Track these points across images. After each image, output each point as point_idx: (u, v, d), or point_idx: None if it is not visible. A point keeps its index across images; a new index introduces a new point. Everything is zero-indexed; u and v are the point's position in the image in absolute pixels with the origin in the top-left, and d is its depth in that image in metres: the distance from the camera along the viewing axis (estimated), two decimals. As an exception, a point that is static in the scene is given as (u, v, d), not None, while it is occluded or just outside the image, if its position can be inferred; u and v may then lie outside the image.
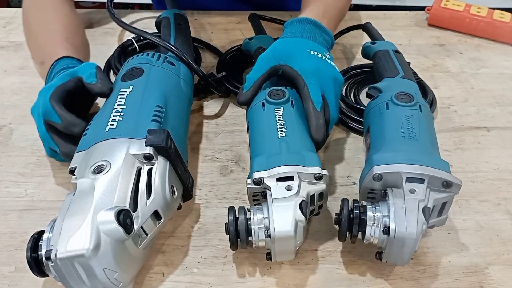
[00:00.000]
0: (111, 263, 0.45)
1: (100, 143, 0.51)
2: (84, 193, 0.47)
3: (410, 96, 0.58)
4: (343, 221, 0.49)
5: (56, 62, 0.67)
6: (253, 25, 0.85)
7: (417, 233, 0.46)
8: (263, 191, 0.52)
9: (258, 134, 0.58)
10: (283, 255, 0.50)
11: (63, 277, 0.44)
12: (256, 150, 0.56)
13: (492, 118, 0.74)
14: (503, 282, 0.52)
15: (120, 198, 0.47)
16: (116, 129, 0.52)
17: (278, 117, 0.58)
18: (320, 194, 0.52)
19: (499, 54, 0.87)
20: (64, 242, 0.44)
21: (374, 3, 1.71)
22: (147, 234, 0.49)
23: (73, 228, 0.44)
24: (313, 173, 0.51)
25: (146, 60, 0.62)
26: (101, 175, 0.48)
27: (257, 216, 0.49)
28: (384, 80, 0.65)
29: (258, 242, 0.50)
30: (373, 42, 0.75)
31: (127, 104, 0.55)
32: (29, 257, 0.46)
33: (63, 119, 0.57)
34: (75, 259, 0.43)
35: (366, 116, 0.61)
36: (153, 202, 0.49)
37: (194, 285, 0.52)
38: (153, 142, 0.50)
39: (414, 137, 0.53)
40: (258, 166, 0.53)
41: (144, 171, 0.50)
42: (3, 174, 0.64)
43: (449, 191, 0.50)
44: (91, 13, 0.96)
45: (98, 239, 0.44)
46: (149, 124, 0.53)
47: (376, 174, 0.50)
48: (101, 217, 0.45)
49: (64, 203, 0.48)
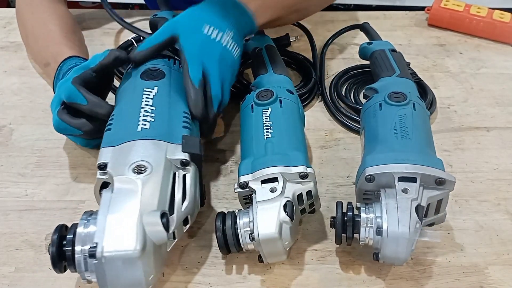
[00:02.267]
0: (151, 265, 0.46)
1: (135, 142, 0.51)
2: (127, 192, 0.47)
3: (403, 95, 0.58)
4: (337, 224, 0.50)
5: (63, 62, 0.67)
6: None
7: (410, 232, 0.46)
8: (250, 194, 0.52)
9: (247, 137, 0.58)
10: (273, 256, 0.51)
11: (103, 276, 0.44)
12: (244, 154, 0.57)
13: (492, 118, 0.74)
14: (503, 282, 0.52)
15: (162, 201, 0.47)
16: (150, 130, 0.52)
17: (265, 118, 0.58)
18: (309, 193, 0.52)
19: (499, 54, 0.87)
20: (111, 240, 0.43)
21: (374, 3, 1.71)
22: (175, 238, 0.50)
23: (119, 226, 0.44)
24: (298, 172, 0.51)
25: (164, 63, 0.62)
26: (144, 175, 0.48)
27: (243, 220, 0.50)
28: (380, 80, 0.65)
29: (246, 246, 0.50)
30: (370, 43, 0.75)
31: (155, 105, 0.55)
32: (55, 252, 0.45)
33: (89, 100, 0.57)
34: (122, 258, 0.43)
35: (362, 117, 0.62)
36: (187, 207, 0.50)
37: (194, 285, 0.52)
38: (190, 149, 0.51)
39: (407, 136, 0.54)
40: (244, 170, 0.53)
41: (179, 177, 0.51)
42: (3, 174, 0.64)
43: (443, 188, 0.50)
44: (91, 13, 0.96)
45: (145, 240, 0.44)
46: (181, 130, 0.54)
47: (369, 176, 0.50)
48: (147, 219, 0.45)
49: (103, 200, 0.47)
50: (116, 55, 0.59)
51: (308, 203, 0.53)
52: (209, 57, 0.60)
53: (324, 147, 0.69)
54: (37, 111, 0.73)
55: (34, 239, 0.56)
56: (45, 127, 0.70)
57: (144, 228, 0.45)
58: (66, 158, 0.66)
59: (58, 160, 0.66)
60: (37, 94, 0.77)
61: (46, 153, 0.67)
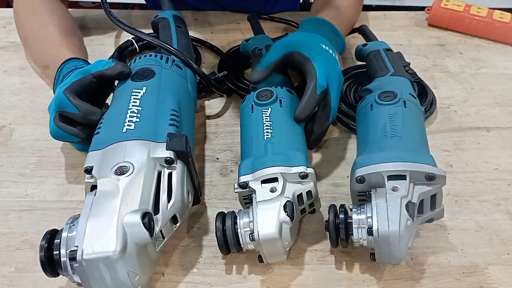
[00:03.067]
0: (135, 266, 0.45)
1: (120, 144, 0.51)
2: (108, 194, 0.47)
3: (393, 93, 0.59)
4: (331, 227, 0.50)
5: (63, 65, 0.67)
6: (252, 25, 0.85)
7: (401, 230, 0.46)
8: (250, 194, 0.52)
9: (247, 137, 0.58)
10: (273, 256, 0.51)
11: (86, 278, 0.44)
12: (243, 154, 0.57)
13: (492, 118, 0.74)
14: (503, 282, 0.52)
15: (144, 201, 0.47)
16: (135, 130, 0.52)
17: (266, 118, 0.58)
18: (309, 193, 0.52)
19: (499, 54, 0.87)
20: (90, 243, 0.43)
21: (374, 3, 1.71)
22: (164, 238, 0.49)
23: (99, 229, 0.44)
24: (298, 172, 0.51)
25: (155, 62, 0.62)
26: (125, 176, 0.48)
27: (243, 220, 0.50)
28: (375, 81, 0.66)
29: (246, 246, 0.50)
30: (365, 44, 0.76)
31: (142, 105, 0.55)
32: (43, 256, 0.45)
33: (80, 108, 0.57)
34: (102, 260, 0.43)
35: (356, 119, 0.62)
36: (173, 206, 0.49)
37: (194, 285, 0.52)
38: (174, 147, 0.51)
39: (396, 134, 0.54)
40: (244, 170, 0.53)
41: (164, 175, 0.50)
42: (3, 174, 0.64)
43: (434, 183, 0.50)
44: (91, 13, 0.96)
45: (125, 241, 0.44)
46: (167, 128, 0.53)
47: (359, 177, 0.51)
48: (127, 219, 0.45)
49: (86, 202, 0.47)
50: (120, 70, 0.59)
51: (308, 203, 0.53)
52: (333, 72, 0.62)
53: (324, 147, 0.69)
54: (37, 111, 0.73)
55: (34, 239, 0.56)
56: (45, 127, 0.69)
57: (125, 228, 0.45)
58: (66, 158, 0.66)
59: (58, 160, 0.66)
60: (37, 94, 0.77)
61: (46, 153, 0.67)
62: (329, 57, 0.63)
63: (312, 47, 0.63)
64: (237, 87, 0.75)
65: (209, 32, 0.92)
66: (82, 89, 0.59)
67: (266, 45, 0.74)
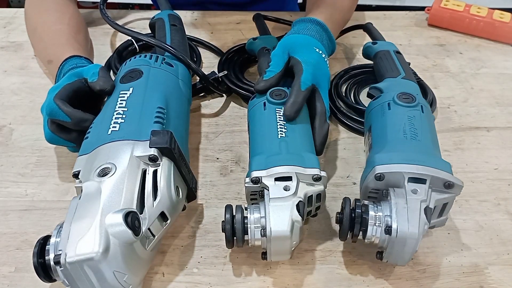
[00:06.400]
0: (121, 266, 0.45)
1: (104, 146, 0.51)
2: (91, 196, 0.47)
3: (412, 96, 0.58)
4: (345, 220, 0.49)
5: (65, 61, 0.67)
6: (258, 25, 0.85)
7: (419, 233, 0.46)
8: (261, 190, 0.52)
9: (258, 134, 0.58)
10: (278, 255, 0.50)
11: (73, 281, 0.44)
12: (255, 149, 0.56)
13: (492, 118, 0.74)
14: (503, 282, 0.52)
15: (127, 200, 0.47)
16: (119, 131, 0.52)
17: (279, 117, 0.58)
18: (318, 196, 0.52)
19: (499, 54, 0.87)
20: (73, 246, 0.43)
21: (374, 3, 1.71)
22: (154, 236, 0.49)
23: (81, 231, 0.44)
24: (312, 174, 0.51)
25: (144, 62, 0.62)
26: (107, 177, 0.48)
27: (254, 215, 0.50)
28: (385, 81, 0.65)
29: (254, 241, 0.50)
30: (374, 43, 0.75)
31: (128, 106, 0.55)
32: (36, 262, 0.45)
33: (72, 116, 0.57)
34: (85, 262, 0.43)
35: (368, 116, 0.61)
36: (159, 203, 0.49)
37: (194, 285, 0.52)
38: (157, 144, 0.50)
39: (416, 137, 0.53)
40: (256, 165, 0.53)
41: (149, 173, 0.50)
42: (3, 174, 0.64)
43: (450, 192, 0.50)
44: (91, 13, 0.96)
45: (107, 242, 0.44)
46: (151, 126, 0.53)
47: (378, 174, 0.50)
48: (109, 220, 0.45)
49: (71, 207, 0.47)
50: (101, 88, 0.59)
51: (315, 205, 0.53)
52: (322, 75, 0.63)
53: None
54: (37, 111, 0.73)
55: (34, 239, 0.56)
56: (45, 127, 0.70)
57: (107, 229, 0.44)
58: (66, 158, 0.66)
59: (58, 160, 0.66)
60: (37, 94, 0.77)
61: (46, 153, 0.67)
62: (320, 60, 0.64)
63: (304, 50, 0.64)
64: (237, 86, 0.75)
65: (209, 32, 0.92)
66: (74, 93, 0.59)
67: (273, 46, 0.74)
